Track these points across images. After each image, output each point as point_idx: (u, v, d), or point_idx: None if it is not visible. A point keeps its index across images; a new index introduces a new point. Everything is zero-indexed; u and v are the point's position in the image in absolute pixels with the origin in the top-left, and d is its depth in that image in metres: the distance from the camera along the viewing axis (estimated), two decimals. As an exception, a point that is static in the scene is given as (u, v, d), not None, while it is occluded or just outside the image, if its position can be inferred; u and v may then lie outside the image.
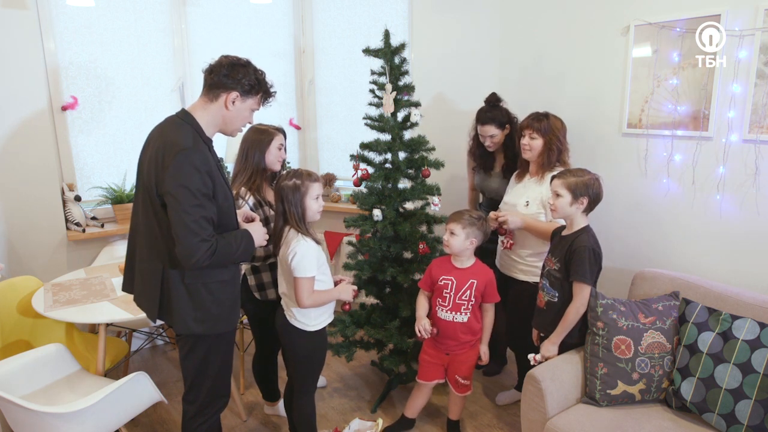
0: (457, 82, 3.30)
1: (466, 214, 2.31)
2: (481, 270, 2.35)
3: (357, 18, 3.69)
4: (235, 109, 1.80)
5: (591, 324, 2.13)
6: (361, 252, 2.76)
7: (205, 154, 1.72)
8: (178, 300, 1.78)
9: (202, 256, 1.65)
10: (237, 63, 1.80)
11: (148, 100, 3.42)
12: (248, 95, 1.80)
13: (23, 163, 2.95)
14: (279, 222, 2.11)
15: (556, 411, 2.06)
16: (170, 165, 1.64)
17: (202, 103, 1.82)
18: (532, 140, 2.44)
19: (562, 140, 2.45)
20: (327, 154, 4.04)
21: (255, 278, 2.40)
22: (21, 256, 3.01)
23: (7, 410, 1.93)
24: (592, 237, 2.14)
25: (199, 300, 1.79)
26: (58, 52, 3.08)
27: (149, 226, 1.79)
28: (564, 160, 2.48)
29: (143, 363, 3.34)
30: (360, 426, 2.36)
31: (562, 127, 2.47)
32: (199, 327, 1.81)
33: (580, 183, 2.10)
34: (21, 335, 2.54)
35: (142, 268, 1.87)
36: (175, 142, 1.68)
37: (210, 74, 1.79)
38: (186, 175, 1.64)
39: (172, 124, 1.78)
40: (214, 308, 1.82)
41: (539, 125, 2.42)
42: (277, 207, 2.10)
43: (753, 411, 1.82)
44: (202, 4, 3.50)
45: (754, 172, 2.20)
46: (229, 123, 1.83)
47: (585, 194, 2.11)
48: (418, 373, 2.51)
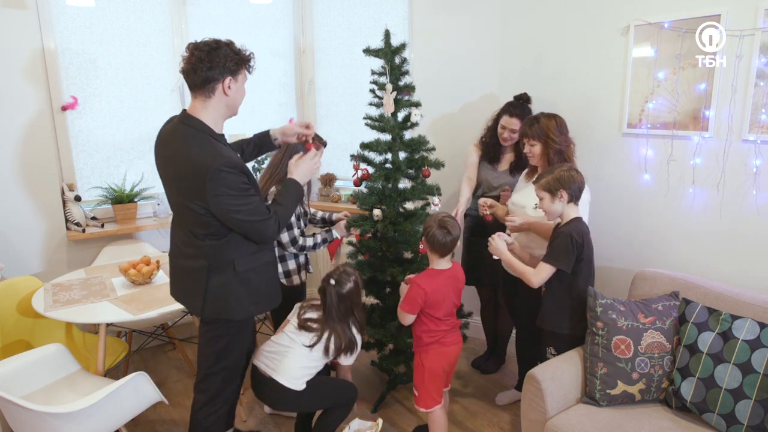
0: (458, 82, 3.30)
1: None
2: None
3: (357, 18, 3.69)
4: (233, 91, 1.83)
5: (591, 324, 2.13)
6: (361, 252, 2.76)
7: (228, 155, 1.77)
8: (231, 290, 1.91)
9: (272, 231, 1.88)
10: (211, 50, 1.76)
11: (148, 100, 3.42)
12: (237, 73, 1.83)
13: (23, 163, 2.95)
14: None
15: (556, 411, 2.06)
16: (208, 188, 1.73)
17: (200, 103, 1.83)
18: (531, 147, 2.42)
19: (559, 138, 2.39)
20: (327, 154, 3.99)
21: (281, 266, 2.59)
22: (21, 256, 3.01)
23: (7, 410, 1.93)
24: (575, 226, 2.13)
25: (252, 285, 1.95)
26: (58, 52, 3.08)
27: (185, 229, 1.91)
28: (569, 157, 2.41)
29: (143, 363, 3.34)
30: (360, 426, 2.36)
31: (558, 124, 2.40)
32: (256, 309, 2.00)
33: (551, 180, 2.13)
34: (21, 335, 2.54)
35: (183, 267, 1.97)
36: (201, 164, 1.73)
37: (194, 74, 1.78)
38: (223, 188, 1.74)
39: (186, 137, 1.81)
40: (263, 287, 2.00)
41: (532, 131, 2.40)
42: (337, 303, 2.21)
43: (753, 411, 1.82)
44: (202, 4, 3.50)
45: (754, 172, 2.20)
46: (232, 105, 1.88)
47: (560, 187, 2.12)
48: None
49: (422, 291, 2.20)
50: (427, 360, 2.31)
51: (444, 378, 2.36)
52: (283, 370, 2.13)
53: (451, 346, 2.32)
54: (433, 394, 2.32)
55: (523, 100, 2.81)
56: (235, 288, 1.91)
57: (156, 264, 2.66)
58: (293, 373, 2.14)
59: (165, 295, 2.46)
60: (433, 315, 2.25)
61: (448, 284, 2.27)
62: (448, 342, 2.31)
